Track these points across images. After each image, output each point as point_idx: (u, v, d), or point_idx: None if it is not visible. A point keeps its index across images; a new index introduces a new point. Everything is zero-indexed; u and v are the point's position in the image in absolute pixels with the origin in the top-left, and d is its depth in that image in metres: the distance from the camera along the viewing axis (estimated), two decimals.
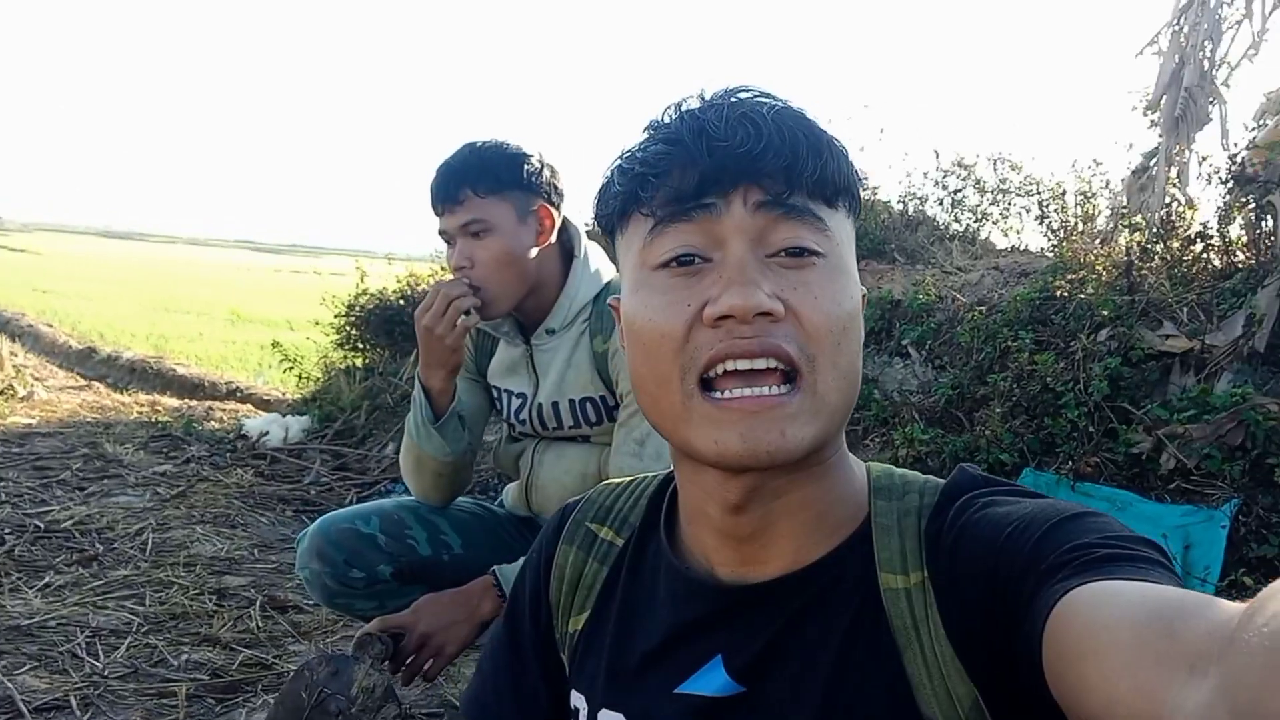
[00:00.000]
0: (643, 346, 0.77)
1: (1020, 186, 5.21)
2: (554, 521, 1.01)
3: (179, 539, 3.65)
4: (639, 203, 0.78)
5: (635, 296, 0.78)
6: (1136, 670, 0.50)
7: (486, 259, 1.86)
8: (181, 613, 2.88)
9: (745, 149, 0.73)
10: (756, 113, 0.74)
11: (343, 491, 4.56)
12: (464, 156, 1.88)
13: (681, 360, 0.74)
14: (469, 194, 1.85)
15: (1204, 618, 0.49)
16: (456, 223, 1.87)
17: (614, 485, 1.01)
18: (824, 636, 0.76)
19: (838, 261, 0.76)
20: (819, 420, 0.73)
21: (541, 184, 1.92)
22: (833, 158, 0.76)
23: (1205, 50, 3.73)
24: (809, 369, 0.72)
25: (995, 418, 3.31)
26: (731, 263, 0.73)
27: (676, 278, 0.75)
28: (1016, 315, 3.75)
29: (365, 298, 6.10)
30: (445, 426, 1.94)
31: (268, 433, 5.41)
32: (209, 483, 4.56)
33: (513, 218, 1.88)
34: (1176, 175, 3.89)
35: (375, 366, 5.94)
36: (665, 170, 0.75)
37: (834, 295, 0.74)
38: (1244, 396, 2.97)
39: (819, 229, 0.75)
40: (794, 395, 0.72)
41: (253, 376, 8.79)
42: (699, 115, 0.76)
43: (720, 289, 0.72)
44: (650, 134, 0.79)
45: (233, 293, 19.98)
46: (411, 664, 1.80)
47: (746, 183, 0.74)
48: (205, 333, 12.33)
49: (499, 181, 1.86)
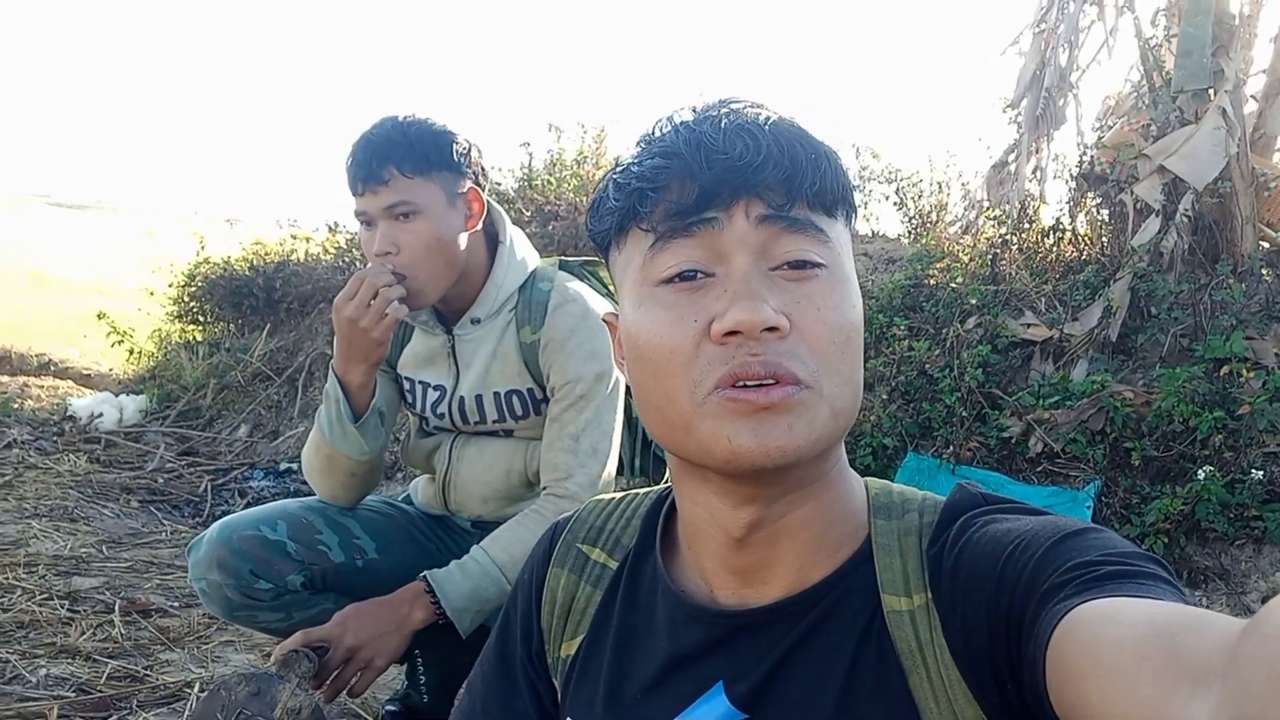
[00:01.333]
0: (649, 363, 0.76)
1: (881, 174, 5.39)
2: (543, 543, 0.99)
3: (12, 535, 3.31)
4: (638, 218, 0.76)
5: (639, 312, 0.77)
6: (1139, 688, 0.50)
7: (413, 244, 1.74)
8: (30, 621, 2.61)
9: (745, 161, 0.72)
10: (754, 124, 0.74)
11: (194, 479, 4.25)
12: (387, 132, 1.75)
13: (692, 375, 0.73)
14: (394, 173, 1.72)
15: (1207, 634, 0.49)
16: (379, 204, 1.73)
17: (603, 503, 0.98)
18: (829, 660, 0.76)
19: (839, 271, 0.76)
20: (825, 422, 0.73)
21: (470, 165, 1.81)
22: (830, 167, 0.76)
23: (1063, 53, 3.95)
24: (815, 382, 0.72)
25: (879, 403, 3.43)
26: (736, 277, 0.73)
27: (681, 293, 0.74)
28: (889, 302, 3.90)
29: (208, 266, 5.68)
30: (365, 425, 1.81)
31: (100, 414, 4.97)
32: (38, 470, 4.15)
33: (441, 200, 1.77)
34: (1033, 171, 4.12)
35: (221, 342, 5.56)
36: (664, 184, 0.75)
37: (837, 305, 0.74)
38: (1103, 384, 3.19)
39: (820, 240, 0.74)
40: (800, 390, 0.72)
41: (66, 346, 8.05)
42: (695, 128, 0.75)
43: (726, 304, 0.72)
44: (645, 148, 0.78)
45: (31, 253, 18.23)
46: (337, 679, 1.68)
47: (747, 195, 0.73)
48: (1, 297, 11.19)
49: (427, 161, 1.75)
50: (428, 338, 1.96)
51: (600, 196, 0.81)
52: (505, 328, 1.90)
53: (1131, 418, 3.07)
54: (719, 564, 0.81)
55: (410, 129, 1.76)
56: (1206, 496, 2.74)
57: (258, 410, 4.90)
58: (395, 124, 1.76)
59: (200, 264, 5.73)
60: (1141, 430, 3.06)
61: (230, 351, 5.34)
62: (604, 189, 0.81)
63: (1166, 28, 3.82)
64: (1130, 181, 3.67)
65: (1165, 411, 2.99)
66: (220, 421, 4.94)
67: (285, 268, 5.55)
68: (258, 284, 5.46)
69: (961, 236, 4.48)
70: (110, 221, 28.95)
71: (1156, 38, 3.83)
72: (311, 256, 5.67)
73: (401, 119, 1.78)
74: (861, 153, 5.47)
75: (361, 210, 1.77)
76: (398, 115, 1.79)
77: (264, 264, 5.58)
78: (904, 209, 5.32)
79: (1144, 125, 3.78)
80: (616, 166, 0.81)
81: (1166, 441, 3.01)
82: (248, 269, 5.56)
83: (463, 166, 1.80)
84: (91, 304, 7.02)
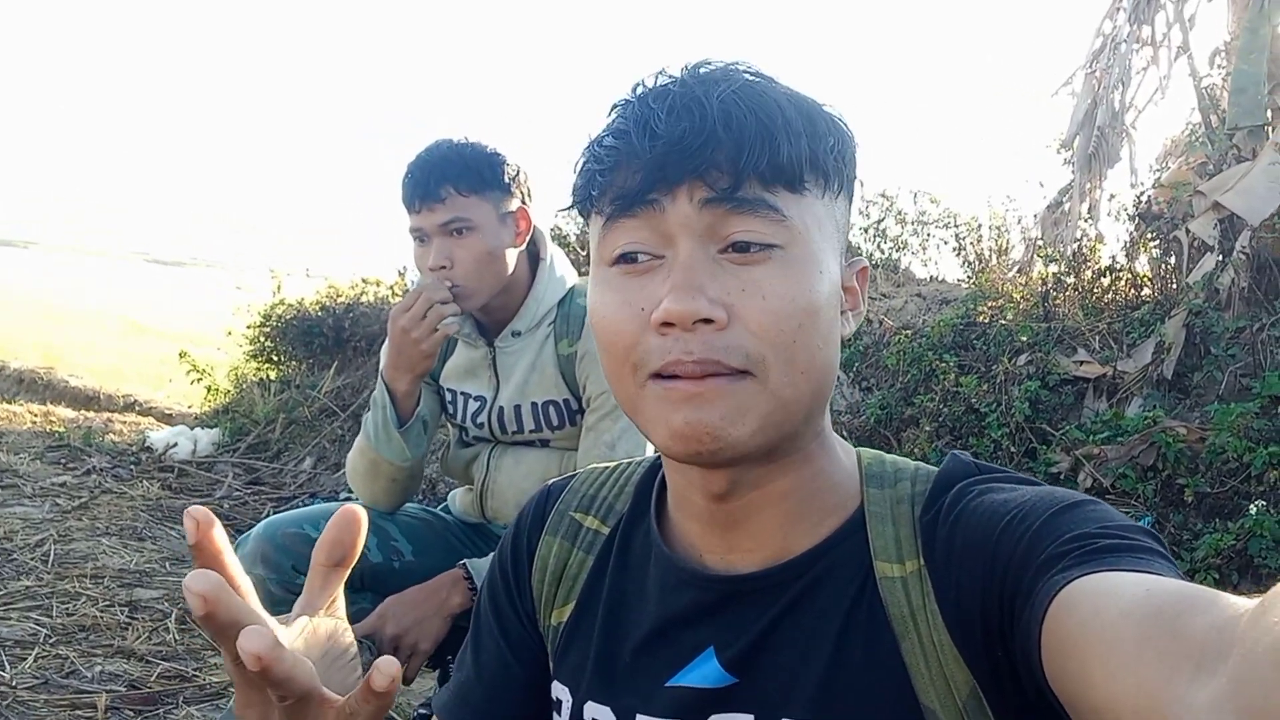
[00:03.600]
0: (601, 342, 0.77)
1: (939, 219, 5.39)
2: (533, 511, 0.98)
3: (83, 550, 3.47)
4: (590, 200, 0.77)
5: (595, 291, 0.77)
6: (1140, 666, 0.49)
7: (466, 258, 1.84)
8: (92, 625, 2.74)
9: (685, 142, 0.70)
10: (706, 98, 0.71)
11: (258, 506, 4.41)
12: (444, 153, 1.85)
13: (633, 359, 0.73)
14: (451, 191, 1.82)
15: (1209, 614, 0.48)
16: (435, 220, 1.83)
17: (596, 472, 0.98)
18: (819, 626, 0.76)
19: (800, 250, 0.72)
20: (766, 417, 0.71)
21: (518, 186, 1.91)
22: (789, 139, 0.71)
23: (1116, 94, 3.95)
24: (759, 370, 0.71)
25: (923, 437, 3.41)
26: (679, 264, 0.71)
27: (627, 276, 0.74)
28: (940, 339, 3.88)
29: (283, 307, 5.93)
30: (409, 431, 1.90)
31: (175, 445, 5.19)
32: (113, 495, 4.35)
33: (493, 217, 1.87)
34: (1088, 211, 4.09)
35: (291, 379, 5.77)
36: (612, 166, 0.74)
37: (786, 291, 0.71)
38: (1155, 420, 3.12)
39: (773, 219, 0.71)
40: (736, 379, 0.70)
41: (152, 389, 8.43)
42: (649, 103, 0.73)
43: (665, 292, 0.70)
44: (609, 121, 0.77)
45: (127, 303, 19.14)
46: None
47: (690, 179, 0.70)
48: (98, 343, 11.78)
49: (481, 180, 1.85)
50: (469, 350, 2.05)
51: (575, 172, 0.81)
52: (544, 340, 1.98)
53: (1185, 454, 3.00)
54: (703, 529, 0.81)
55: (465, 150, 1.87)
56: (1259, 532, 2.66)
57: (322, 444, 5.06)
58: (451, 145, 1.87)
59: (276, 305, 5.98)
60: (1196, 466, 2.98)
61: (299, 388, 5.54)
62: (577, 164, 0.80)
63: (1223, 67, 3.79)
64: (1186, 219, 3.63)
65: (1219, 447, 2.91)
66: (287, 454, 5.12)
67: (355, 309, 5.76)
68: (327, 324, 5.67)
69: (1017, 276, 4.45)
70: (202, 275, 30.20)
71: (1212, 78, 3.81)
72: (380, 298, 5.87)
73: (456, 141, 1.89)
74: (919, 197, 5.48)
75: (417, 227, 1.86)
76: (452, 138, 1.91)
77: (335, 305, 5.80)
78: (962, 253, 5.30)
79: (1200, 163, 3.73)
80: (588, 137, 0.79)
81: (1220, 478, 2.93)
82: (319, 310, 5.78)
83: (512, 187, 1.90)
84: (182, 349, 7.35)
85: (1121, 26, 3.89)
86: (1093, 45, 4.06)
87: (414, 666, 1.76)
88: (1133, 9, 3.89)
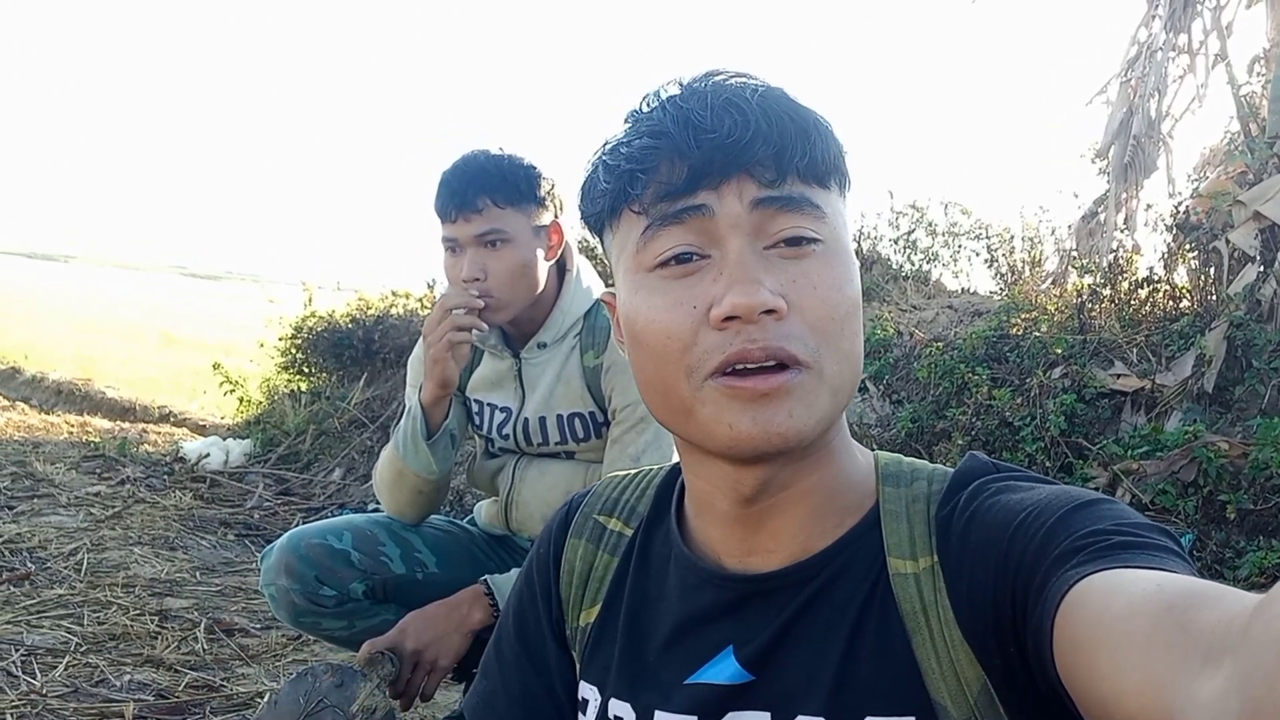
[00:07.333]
0: (647, 348, 0.76)
1: (970, 230, 5.33)
2: (558, 518, 1.00)
3: (116, 559, 3.50)
4: (629, 200, 0.76)
5: (636, 297, 0.77)
6: (1148, 660, 0.49)
7: (500, 270, 1.83)
8: (122, 633, 2.76)
9: (734, 138, 0.71)
10: (741, 98, 0.73)
11: (287, 516, 4.43)
12: (481, 164, 1.84)
13: (688, 361, 0.73)
14: (488, 203, 1.81)
15: (1218, 608, 0.48)
16: (471, 231, 1.82)
17: (618, 478, 1.00)
18: (833, 623, 0.76)
19: (835, 245, 0.75)
20: (825, 404, 0.73)
21: (552, 199, 1.91)
22: (820, 137, 0.75)
23: (1152, 102, 3.88)
24: (815, 361, 0.72)
25: (955, 450, 3.36)
26: (732, 260, 0.72)
27: (677, 278, 0.74)
28: (973, 352, 3.83)
29: (314, 319, 5.97)
30: (436, 444, 1.89)
31: (208, 455, 5.24)
32: (146, 504, 4.39)
33: (528, 230, 1.86)
34: (1124, 221, 4.02)
35: (322, 390, 5.81)
36: (653, 165, 0.74)
37: (834, 282, 0.74)
38: (1195, 434, 3.05)
39: (815, 215, 0.74)
40: (799, 374, 0.71)
41: (187, 400, 8.52)
42: (682, 104, 0.74)
43: (723, 288, 0.71)
44: (633, 126, 0.77)
45: (163, 316, 19.41)
46: (409, 685, 1.73)
47: (738, 174, 0.72)
48: (134, 355, 11.94)
49: (518, 193, 1.84)
50: (496, 361, 2.04)
51: (590, 179, 0.81)
52: (570, 352, 1.97)
53: (1227, 469, 2.93)
54: (724, 534, 0.82)
55: (503, 163, 1.86)
56: None
57: (351, 455, 5.09)
58: (488, 157, 1.86)
59: (307, 317, 6.03)
60: (1238, 483, 2.91)
61: (330, 400, 5.58)
62: (593, 170, 0.80)
63: (1262, 75, 3.72)
64: (1225, 229, 3.55)
65: (1262, 462, 2.84)
66: (316, 465, 5.14)
67: (384, 321, 5.80)
68: (358, 336, 5.71)
69: (1051, 287, 4.38)
70: (237, 288, 30.65)
71: (1251, 86, 3.74)
72: (409, 311, 5.90)
73: (493, 152, 1.88)
74: (950, 209, 5.43)
75: (450, 236, 1.85)
76: (488, 149, 1.90)
77: (365, 317, 5.84)
78: (995, 265, 5.24)
79: (1240, 173, 3.66)
80: (605, 145, 0.79)
81: (1264, 494, 2.85)
82: (349, 322, 5.82)
83: (546, 200, 1.89)
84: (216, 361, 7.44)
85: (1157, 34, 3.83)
86: (1128, 53, 3.99)
87: (433, 682, 1.75)
88: (1169, 16, 3.82)
